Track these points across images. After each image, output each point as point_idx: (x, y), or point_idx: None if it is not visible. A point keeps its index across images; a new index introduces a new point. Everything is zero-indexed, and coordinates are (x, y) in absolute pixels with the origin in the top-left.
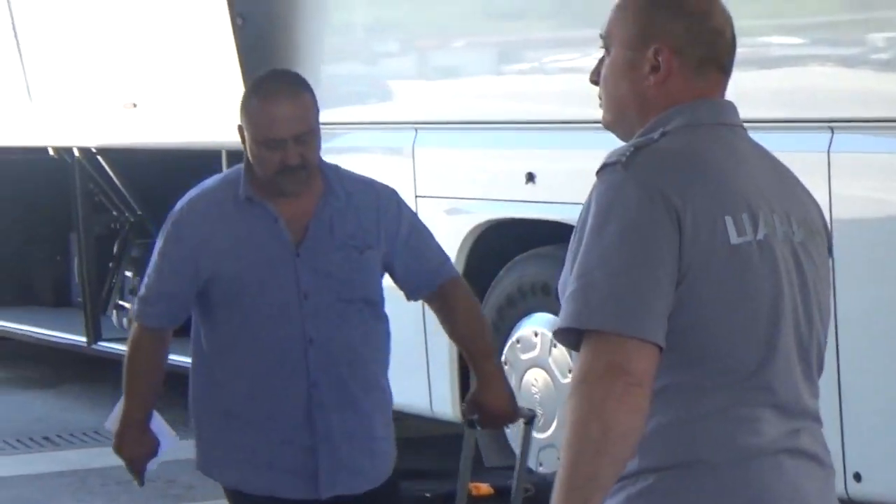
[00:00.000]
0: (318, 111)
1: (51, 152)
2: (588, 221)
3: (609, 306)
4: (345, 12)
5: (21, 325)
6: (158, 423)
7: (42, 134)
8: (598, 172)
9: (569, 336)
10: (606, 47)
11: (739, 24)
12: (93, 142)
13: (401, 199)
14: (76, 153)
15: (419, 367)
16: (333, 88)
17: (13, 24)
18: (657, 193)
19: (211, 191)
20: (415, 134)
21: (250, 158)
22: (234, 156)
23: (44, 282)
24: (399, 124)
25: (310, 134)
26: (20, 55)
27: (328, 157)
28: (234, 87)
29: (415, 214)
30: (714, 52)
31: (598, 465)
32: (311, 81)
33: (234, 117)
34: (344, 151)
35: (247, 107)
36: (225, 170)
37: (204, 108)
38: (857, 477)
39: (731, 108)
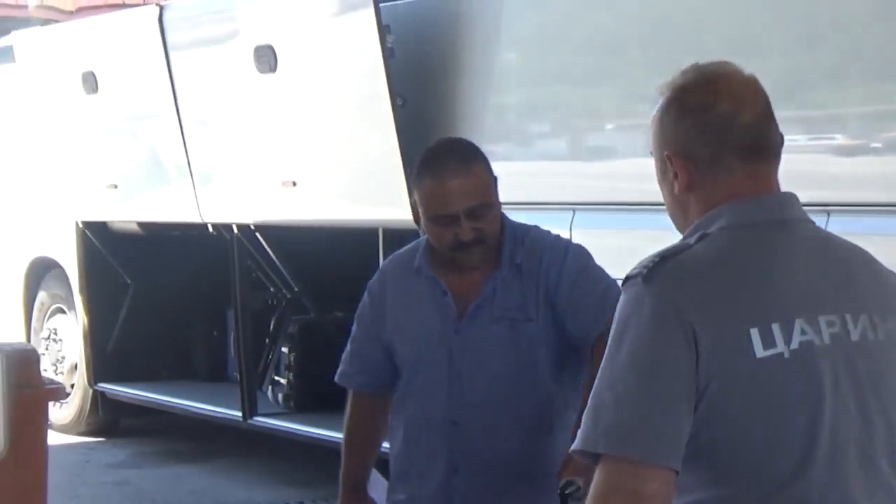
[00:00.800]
0: (494, 181)
1: (210, 229)
2: (610, 335)
3: (618, 431)
4: (503, 94)
5: (177, 398)
6: (378, 484)
7: (202, 211)
8: (622, 284)
9: (586, 457)
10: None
11: None
12: (252, 219)
13: (575, 250)
14: (235, 230)
15: None
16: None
17: (176, 103)
18: (671, 309)
19: (399, 257)
20: (572, 215)
21: (426, 234)
22: (391, 234)
23: (201, 356)
24: (557, 205)
25: (483, 207)
26: (182, 133)
27: None
28: (392, 167)
29: (585, 267)
30: (726, 141)
31: None
32: None
33: (392, 196)
34: None
35: (417, 182)
36: (381, 249)
37: (362, 186)
38: None
39: (789, 201)
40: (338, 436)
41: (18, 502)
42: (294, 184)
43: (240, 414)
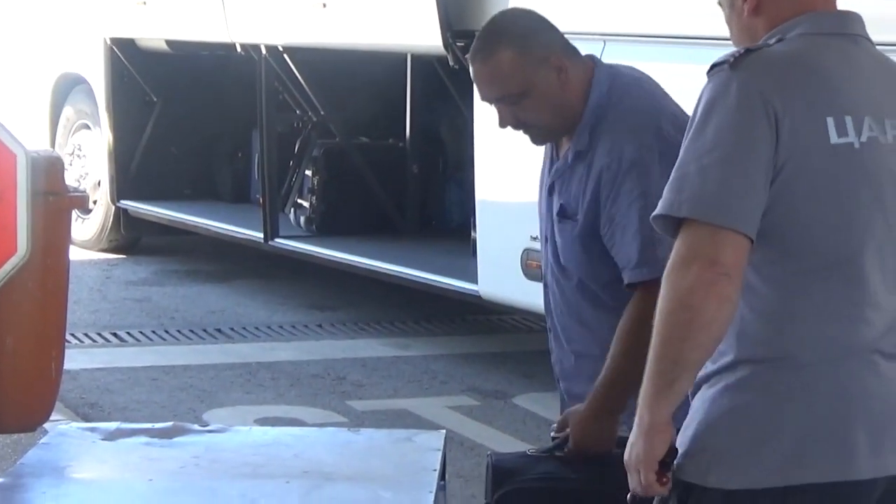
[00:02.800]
0: (529, 65)
1: (238, 49)
2: (695, 117)
3: (701, 197)
4: None
5: (201, 218)
6: None
7: (231, 30)
8: (708, 72)
9: (666, 223)
10: (721, 6)
11: None
12: (280, 40)
13: (632, 156)
14: (263, 50)
15: None
16: None
17: None
18: (757, 94)
19: None
20: (603, 46)
21: None
22: (419, 60)
23: (224, 177)
24: (586, 35)
25: (511, 97)
26: None
27: None
28: None
29: (634, 189)
30: None
31: (683, 351)
32: None
33: (421, 22)
34: None
35: None
36: (408, 75)
37: (392, 10)
38: None
39: (855, 19)
40: (358, 260)
41: (39, 307)
42: (324, 5)
43: (262, 235)
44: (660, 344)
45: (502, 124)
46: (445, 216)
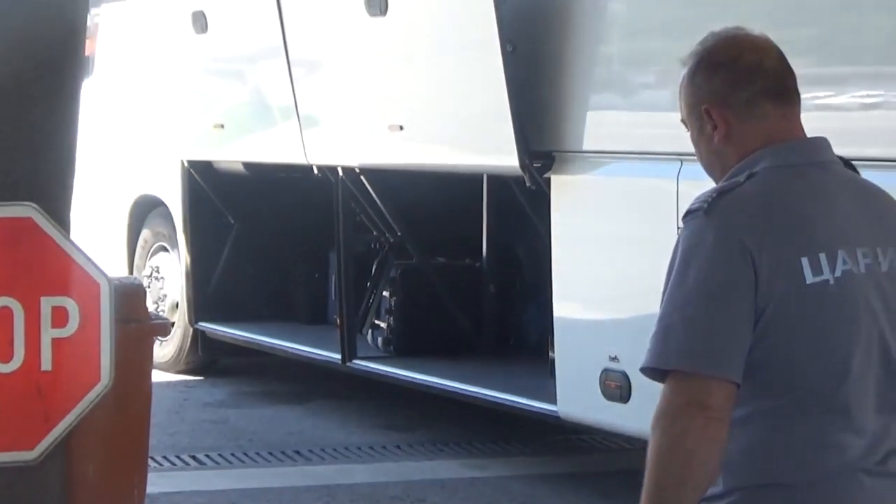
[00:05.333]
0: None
1: (315, 171)
2: (674, 265)
3: (687, 348)
4: (612, 43)
5: (277, 339)
6: None
7: (308, 153)
8: (683, 218)
9: (653, 373)
10: (686, 126)
11: None
12: (357, 161)
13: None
14: (340, 172)
15: None
16: (599, 117)
17: (285, 43)
18: (734, 239)
19: None
20: (679, 166)
21: None
22: (495, 180)
23: (302, 299)
24: (664, 155)
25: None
26: (290, 74)
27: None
28: (500, 113)
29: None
30: (756, 86)
31: (680, 493)
32: (577, 109)
33: (498, 143)
34: (609, 180)
35: None
36: (485, 195)
37: (468, 132)
38: None
39: (820, 144)
40: (436, 381)
41: (122, 434)
42: (401, 128)
43: (339, 356)
44: (655, 487)
45: None
46: (523, 336)
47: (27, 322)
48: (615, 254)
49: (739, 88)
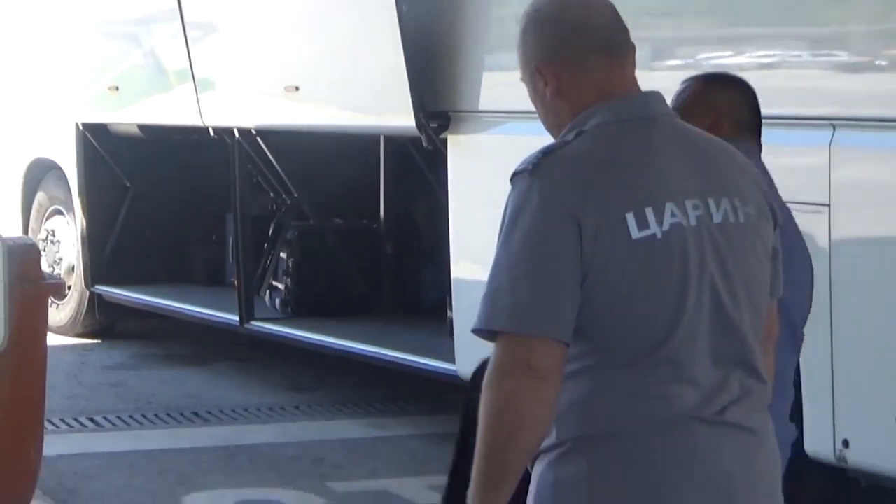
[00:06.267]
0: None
1: (211, 133)
2: (503, 226)
3: (514, 311)
4: (506, 4)
5: (175, 302)
6: None
7: (204, 114)
8: (511, 179)
9: (485, 335)
10: (525, 84)
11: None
12: (253, 123)
13: None
14: (236, 134)
15: None
16: (495, 77)
17: (179, 5)
18: (558, 200)
19: None
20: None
21: None
22: (392, 141)
23: (199, 261)
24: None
25: None
26: (185, 36)
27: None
28: (396, 74)
29: None
30: (582, 40)
31: (508, 453)
32: (473, 69)
33: (395, 104)
34: (505, 139)
35: None
36: (382, 157)
37: (365, 93)
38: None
39: (653, 98)
40: (334, 341)
41: (17, 396)
42: (297, 89)
43: (237, 318)
44: (486, 448)
45: None
46: (421, 296)
47: None
48: None
49: (566, 43)
